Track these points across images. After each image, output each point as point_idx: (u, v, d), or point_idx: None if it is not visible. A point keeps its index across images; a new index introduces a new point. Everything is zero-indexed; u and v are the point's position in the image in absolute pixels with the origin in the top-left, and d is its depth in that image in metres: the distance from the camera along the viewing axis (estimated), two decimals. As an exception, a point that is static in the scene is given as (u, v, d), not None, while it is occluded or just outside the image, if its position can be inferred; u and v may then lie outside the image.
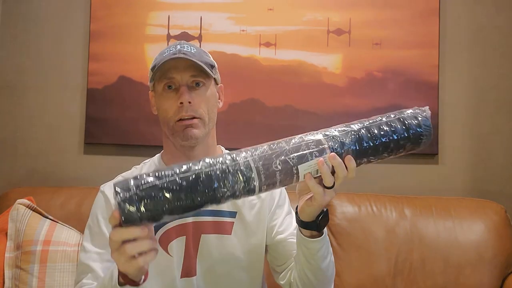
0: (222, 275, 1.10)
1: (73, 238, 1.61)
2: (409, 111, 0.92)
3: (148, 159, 1.21)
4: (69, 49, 2.05)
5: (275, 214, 1.18)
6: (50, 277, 1.53)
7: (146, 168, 1.18)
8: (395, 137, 0.88)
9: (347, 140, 0.86)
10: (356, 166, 0.87)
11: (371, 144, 0.87)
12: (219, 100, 1.17)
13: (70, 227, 1.66)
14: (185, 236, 1.10)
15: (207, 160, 0.78)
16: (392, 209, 1.80)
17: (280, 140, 0.85)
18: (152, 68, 1.11)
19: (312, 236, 0.97)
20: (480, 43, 2.06)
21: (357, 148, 0.86)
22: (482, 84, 2.05)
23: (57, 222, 1.65)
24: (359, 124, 0.88)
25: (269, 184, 0.81)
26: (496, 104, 2.05)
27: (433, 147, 2.01)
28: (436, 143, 2.01)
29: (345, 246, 1.74)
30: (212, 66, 1.12)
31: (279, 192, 1.21)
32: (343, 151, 0.86)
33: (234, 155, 0.80)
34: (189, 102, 1.06)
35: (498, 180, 2.03)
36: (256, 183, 0.79)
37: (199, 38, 2.02)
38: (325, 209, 0.95)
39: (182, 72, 1.07)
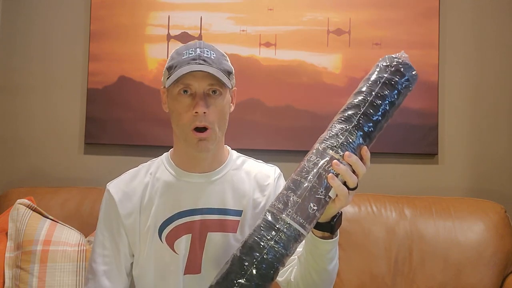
0: None
1: (73, 238, 1.61)
2: (383, 63, 0.92)
3: (156, 158, 1.21)
4: (69, 49, 2.05)
5: None
6: (50, 277, 1.53)
7: (154, 167, 1.17)
8: (389, 102, 0.89)
9: (352, 137, 0.87)
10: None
11: (374, 125, 0.88)
12: (231, 104, 1.15)
13: (70, 227, 1.65)
14: (191, 234, 1.10)
15: (256, 250, 0.83)
16: (392, 209, 1.80)
17: (295, 176, 0.87)
18: (168, 68, 1.09)
19: (323, 237, 0.97)
20: (480, 43, 2.06)
21: (364, 141, 0.88)
22: (482, 84, 2.05)
23: (57, 222, 1.65)
24: (355, 113, 0.88)
25: (313, 223, 0.87)
26: (496, 104, 2.05)
27: (433, 147, 2.01)
28: (436, 143, 2.01)
29: (345, 246, 1.74)
30: (229, 73, 1.10)
31: None
32: (355, 151, 0.87)
33: (277, 225, 0.83)
34: (204, 113, 1.04)
35: (498, 180, 2.03)
36: (305, 233, 0.85)
37: (199, 38, 2.02)
38: (339, 211, 0.95)
39: (200, 80, 1.05)
